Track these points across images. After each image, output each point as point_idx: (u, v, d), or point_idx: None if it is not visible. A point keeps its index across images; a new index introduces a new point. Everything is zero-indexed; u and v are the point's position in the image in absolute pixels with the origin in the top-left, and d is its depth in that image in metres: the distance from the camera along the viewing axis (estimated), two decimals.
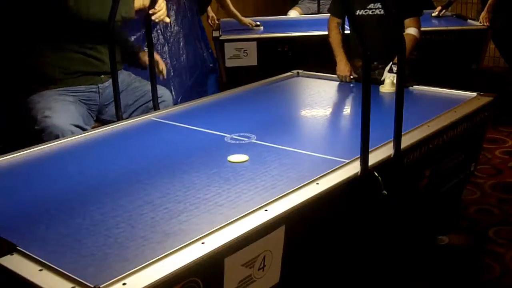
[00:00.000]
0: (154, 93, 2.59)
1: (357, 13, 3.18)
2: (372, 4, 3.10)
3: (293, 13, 5.45)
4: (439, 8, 4.94)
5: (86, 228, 1.46)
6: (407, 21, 3.04)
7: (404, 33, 2.97)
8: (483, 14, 4.50)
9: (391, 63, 2.83)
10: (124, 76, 2.79)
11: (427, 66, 3.44)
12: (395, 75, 2.77)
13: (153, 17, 2.56)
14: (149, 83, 2.58)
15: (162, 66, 2.90)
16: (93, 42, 2.58)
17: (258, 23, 4.60)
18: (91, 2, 2.43)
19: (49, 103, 2.47)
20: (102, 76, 2.69)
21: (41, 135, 2.38)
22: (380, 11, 3.09)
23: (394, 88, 2.69)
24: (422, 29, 3.22)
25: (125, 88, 2.74)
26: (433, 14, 4.87)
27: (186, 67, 4.00)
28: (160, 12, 2.59)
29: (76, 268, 1.25)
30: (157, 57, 2.90)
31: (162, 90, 2.81)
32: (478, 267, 2.59)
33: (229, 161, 1.91)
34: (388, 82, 2.78)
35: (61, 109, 2.46)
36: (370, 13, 3.10)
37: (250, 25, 4.58)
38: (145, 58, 2.77)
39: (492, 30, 4.44)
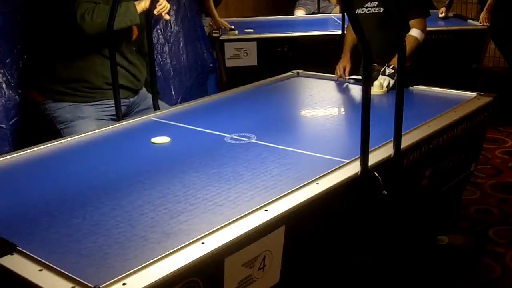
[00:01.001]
0: (154, 93, 2.59)
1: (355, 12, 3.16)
2: (369, 3, 3.08)
3: (300, 13, 5.48)
4: (443, 9, 4.94)
5: (86, 228, 1.46)
6: (411, 22, 3.01)
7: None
8: (482, 14, 4.50)
9: (386, 64, 2.82)
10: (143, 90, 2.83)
11: (427, 66, 3.43)
12: (385, 77, 2.76)
13: (155, 11, 2.56)
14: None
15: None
16: (132, 57, 2.65)
17: (233, 27, 4.46)
18: (95, 13, 2.40)
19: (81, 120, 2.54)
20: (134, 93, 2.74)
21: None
22: (375, 10, 3.07)
23: (382, 91, 2.71)
24: None
25: (142, 101, 2.78)
26: (440, 16, 4.87)
27: (186, 67, 4.00)
28: (162, 8, 2.60)
29: (76, 268, 1.25)
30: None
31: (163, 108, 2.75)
32: (478, 267, 2.59)
33: (152, 143, 2.09)
34: (377, 84, 2.74)
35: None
36: (367, 11, 3.08)
37: (224, 28, 4.44)
38: None
39: (492, 30, 4.45)
